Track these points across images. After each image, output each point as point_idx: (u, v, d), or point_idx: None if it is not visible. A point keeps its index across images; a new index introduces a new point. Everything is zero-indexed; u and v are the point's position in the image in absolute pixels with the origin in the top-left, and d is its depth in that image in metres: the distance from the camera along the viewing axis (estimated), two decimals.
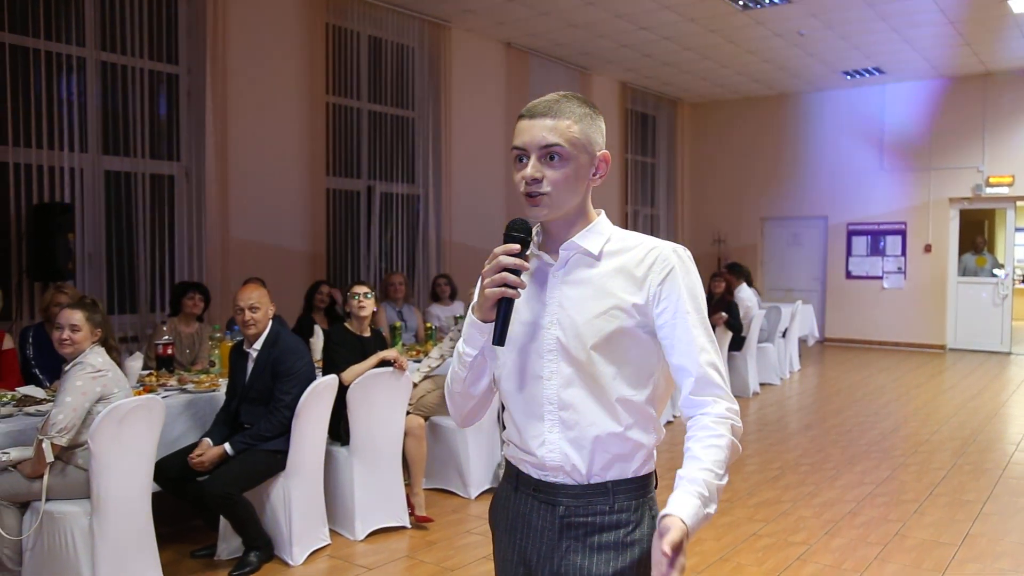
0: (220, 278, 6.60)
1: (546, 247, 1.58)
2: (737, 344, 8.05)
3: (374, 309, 4.44)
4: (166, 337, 4.85)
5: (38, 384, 4.44)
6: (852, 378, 9.54)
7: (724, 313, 7.58)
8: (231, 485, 3.66)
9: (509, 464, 1.64)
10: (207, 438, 3.82)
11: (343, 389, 4.13)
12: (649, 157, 12.91)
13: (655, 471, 1.59)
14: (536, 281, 1.56)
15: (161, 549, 3.56)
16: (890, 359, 11.05)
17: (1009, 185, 11.18)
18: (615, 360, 1.49)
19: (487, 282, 1.47)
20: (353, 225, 8.20)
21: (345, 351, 4.30)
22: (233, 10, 6.78)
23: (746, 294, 8.51)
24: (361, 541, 4.17)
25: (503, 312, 1.47)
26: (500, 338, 1.48)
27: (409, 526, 4.36)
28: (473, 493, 4.89)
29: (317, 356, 4.94)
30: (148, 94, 6.39)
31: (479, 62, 9.36)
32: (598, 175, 1.55)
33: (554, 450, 1.52)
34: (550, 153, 1.48)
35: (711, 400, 1.46)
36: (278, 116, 7.26)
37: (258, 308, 3.89)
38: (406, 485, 4.47)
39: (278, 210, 7.27)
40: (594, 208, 1.60)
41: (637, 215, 12.54)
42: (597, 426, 1.49)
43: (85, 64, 6.01)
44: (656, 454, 1.58)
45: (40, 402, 3.81)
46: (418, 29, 8.55)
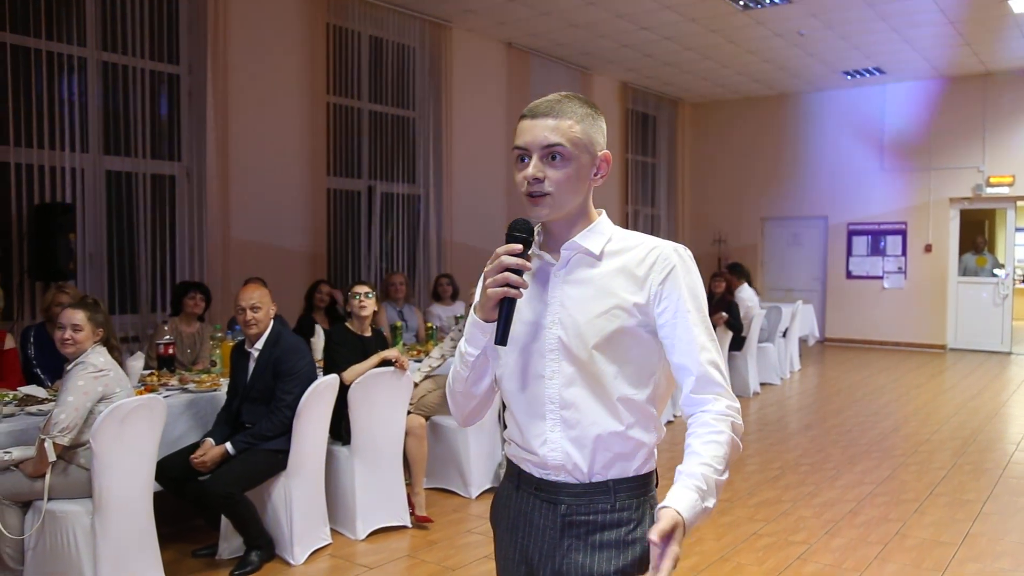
0: (221, 278, 6.61)
1: (547, 247, 1.58)
2: (737, 344, 8.05)
3: (375, 309, 4.45)
4: (167, 337, 4.85)
5: (39, 384, 4.44)
6: (852, 378, 9.55)
7: (724, 313, 7.59)
8: (232, 484, 3.67)
9: (511, 463, 1.65)
10: (209, 438, 3.83)
11: (344, 389, 4.14)
12: (650, 157, 12.91)
13: (656, 470, 1.59)
14: (538, 281, 1.56)
15: (162, 548, 3.56)
16: (890, 359, 11.05)
17: (1009, 185, 11.18)
18: (616, 359, 1.50)
19: (489, 282, 1.48)
20: (354, 225, 8.21)
21: (346, 351, 4.30)
22: (234, 10, 6.79)
23: (747, 294, 8.51)
24: (362, 540, 4.17)
25: (505, 312, 1.48)
26: (502, 338, 1.48)
27: (410, 525, 4.37)
28: (474, 493, 4.89)
29: (318, 356, 4.95)
30: (149, 94, 6.39)
31: (480, 62, 9.37)
32: (599, 175, 1.56)
33: (556, 449, 1.52)
34: (552, 153, 1.49)
35: (712, 398, 1.47)
36: (279, 116, 7.27)
37: (260, 308, 3.90)
38: (407, 485, 4.48)
39: (279, 210, 7.28)
40: (595, 208, 1.60)
41: (638, 215, 12.55)
42: (599, 425, 1.49)
43: (86, 64, 6.01)
44: (657, 453, 1.58)
45: (42, 402, 3.81)
46: (419, 29, 8.55)
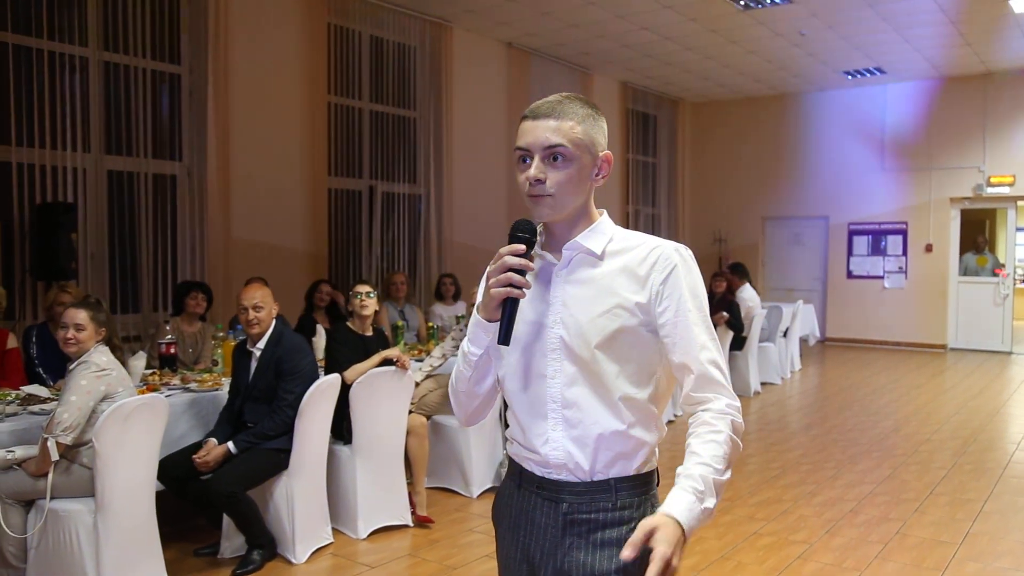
0: (222, 277, 6.62)
1: (549, 247, 1.59)
2: (738, 344, 8.06)
3: (376, 308, 4.46)
4: (169, 336, 4.86)
5: (42, 383, 4.46)
6: (853, 378, 9.55)
7: (725, 313, 7.60)
8: (235, 484, 3.68)
9: (512, 462, 1.66)
10: (212, 438, 3.83)
11: (346, 388, 4.15)
12: (650, 157, 12.92)
13: (657, 468, 1.60)
14: (540, 281, 1.57)
15: (165, 547, 3.57)
16: (891, 359, 11.06)
17: (1010, 185, 11.19)
18: (618, 359, 1.50)
19: (492, 282, 1.48)
20: (355, 225, 8.21)
21: (347, 350, 4.31)
22: (235, 10, 6.80)
23: (749, 294, 8.52)
24: (364, 539, 4.18)
25: (508, 312, 1.49)
26: (505, 337, 1.49)
27: (411, 525, 4.38)
28: (475, 492, 4.90)
29: (319, 355, 4.96)
30: (150, 94, 6.40)
31: (480, 62, 9.37)
32: (601, 175, 1.57)
33: (557, 448, 1.53)
34: (553, 154, 1.50)
35: (712, 397, 1.48)
36: (280, 116, 7.28)
37: (262, 307, 3.91)
38: (408, 484, 4.49)
39: (280, 210, 7.29)
40: (596, 208, 1.61)
41: (638, 215, 12.55)
42: (600, 424, 1.50)
43: (88, 64, 6.02)
44: (658, 452, 1.59)
45: (44, 401, 3.83)
46: (419, 29, 8.56)
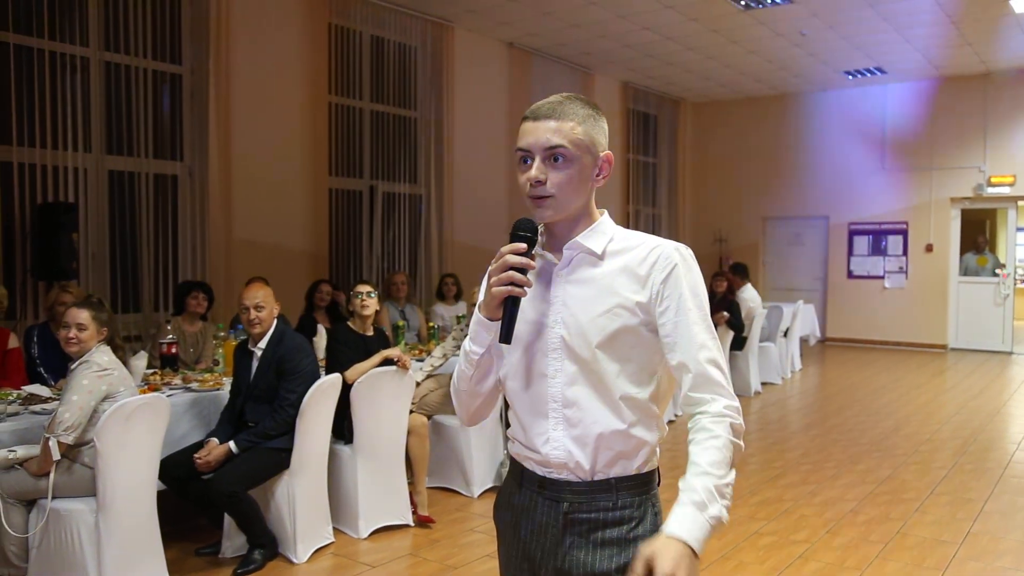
0: (223, 277, 6.63)
1: (550, 246, 1.59)
2: (739, 344, 8.07)
3: (377, 308, 4.46)
4: (170, 336, 4.87)
5: (43, 383, 4.46)
6: (853, 377, 9.56)
7: (726, 312, 7.61)
8: (236, 483, 3.68)
9: (514, 461, 1.66)
10: (213, 437, 3.84)
11: (347, 388, 4.15)
12: (651, 157, 12.92)
13: (658, 468, 1.60)
14: (541, 280, 1.58)
15: (166, 547, 3.58)
16: (891, 359, 11.06)
17: (1010, 185, 11.18)
18: (619, 358, 1.51)
19: (494, 280, 1.49)
20: (355, 224, 8.22)
21: (348, 350, 4.32)
22: (236, 10, 6.80)
23: (750, 294, 8.52)
24: (365, 539, 4.19)
25: (509, 310, 1.49)
26: (507, 336, 1.50)
27: (412, 524, 4.38)
28: (476, 492, 4.90)
29: (320, 355, 4.96)
30: (151, 94, 6.41)
31: (481, 62, 9.38)
32: (601, 176, 1.57)
33: (558, 447, 1.53)
34: (554, 155, 1.50)
35: (710, 398, 1.48)
36: (281, 116, 7.28)
37: (264, 307, 3.91)
38: (409, 484, 4.49)
39: (281, 209, 7.30)
40: (597, 208, 1.61)
41: (639, 215, 12.56)
42: (601, 423, 1.50)
43: (89, 64, 6.03)
44: (659, 451, 1.59)
45: (46, 400, 3.83)
46: (420, 29, 8.56)
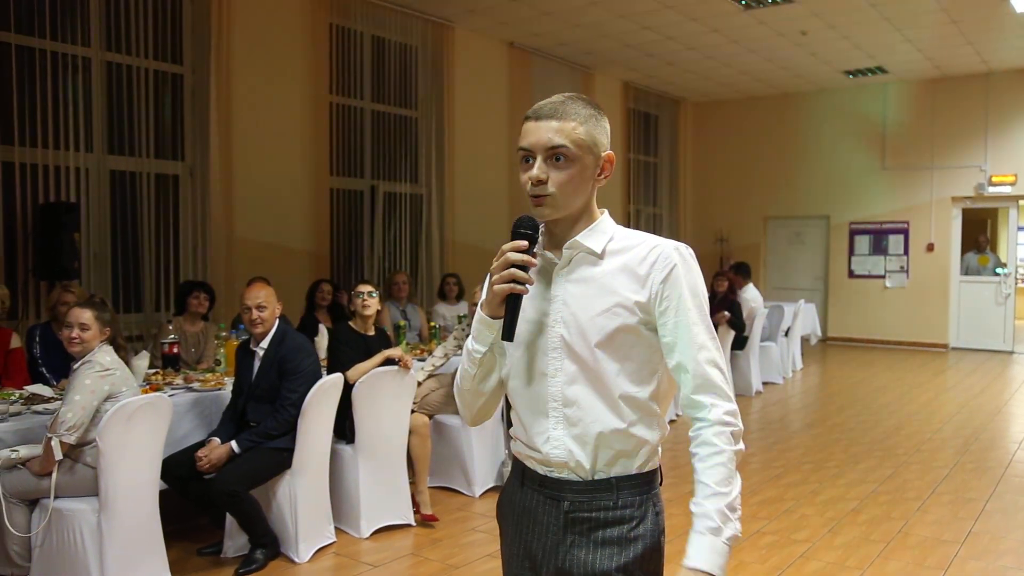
0: (224, 277, 6.63)
1: (550, 245, 1.60)
2: (740, 343, 8.07)
3: (378, 308, 4.46)
4: (171, 336, 4.87)
5: (45, 383, 4.47)
6: (854, 377, 9.55)
7: (727, 312, 7.60)
8: (238, 483, 3.69)
9: (516, 460, 1.66)
10: (215, 437, 3.85)
11: (348, 388, 4.16)
12: (652, 156, 12.92)
13: (660, 467, 1.60)
14: (541, 279, 1.58)
15: (168, 546, 3.58)
16: (892, 358, 11.05)
17: (1011, 184, 11.18)
18: (618, 357, 1.51)
19: (496, 278, 1.49)
20: (356, 224, 8.22)
21: (350, 350, 4.32)
22: (237, 10, 6.81)
23: (751, 294, 8.53)
24: (366, 539, 4.19)
25: (511, 308, 1.50)
26: (509, 333, 1.50)
27: (414, 524, 4.39)
28: (477, 491, 4.91)
29: (322, 355, 4.97)
30: (153, 94, 6.41)
31: (482, 62, 9.38)
32: (603, 175, 1.57)
33: (558, 446, 1.54)
34: (556, 154, 1.50)
35: (709, 404, 1.48)
36: (282, 116, 7.29)
37: (265, 307, 3.92)
38: (410, 484, 4.50)
39: (282, 209, 7.30)
40: (598, 207, 1.62)
41: (640, 214, 12.55)
42: (601, 423, 1.51)
43: (90, 64, 6.04)
44: (661, 451, 1.60)
45: (48, 400, 3.84)
46: (421, 29, 8.57)
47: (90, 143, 6.04)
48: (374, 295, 4.40)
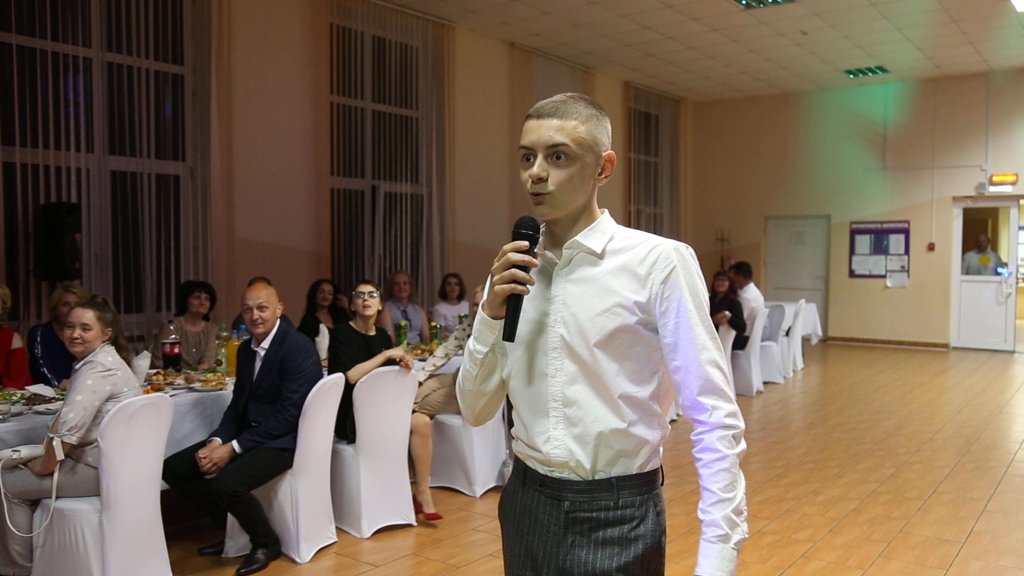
0: (225, 277, 6.64)
1: (551, 245, 1.60)
2: (741, 343, 8.07)
3: (379, 308, 4.46)
4: (173, 336, 4.88)
5: (46, 383, 4.47)
6: (855, 376, 9.55)
7: (728, 312, 7.61)
8: (239, 483, 3.69)
9: (518, 460, 1.67)
10: (216, 437, 3.85)
11: (349, 388, 4.16)
12: (652, 156, 12.92)
13: (661, 467, 1.60)
14: (541, 279, 1.58)
15: (169, 546, 3.59)
16: (893, 357, 11.05)
17: (1012, 183, 11.17)
18: (618, 357, 1.51)
19: (496, 279, 1.50)
20: (357, 224, 8.23)
21: (351, 350, 4.32)
22: (238, 11, 6.81)
23: (752, 294, 8.53)
24: (367, 539, 4.19)
25: (512, 308, 1.50)
26: (510, 334, 1.50)
27: (415, 524, 4.39)
28: (478, 491, 4.91)
29: (323, 355, 4.97)
30: (153, 94, 6.42)
31: (483, 62, 9.38)
32: (603, 175, 1.57)
33: (559, 446, 1.54)
34: (556, 153, 1.51)
35: (710, 407, 1.49)
36: (283, 116, 7.29)
37: (267, 307, 3.92)
38: (412, 484, 4.50)
39: (283, 210, 7.31)
40: (599, 207, 1.62)
41: (640, 214, 12.55)
42: (601, 422, 1.51)
43: (91, 65, 6.04)
44: (662, 450, 1.60)
45: (49, 400, 3.84)
46: (422, 29, 8.57)
47: (91, 144, 6.05)
48: (375, 295, 4.40)
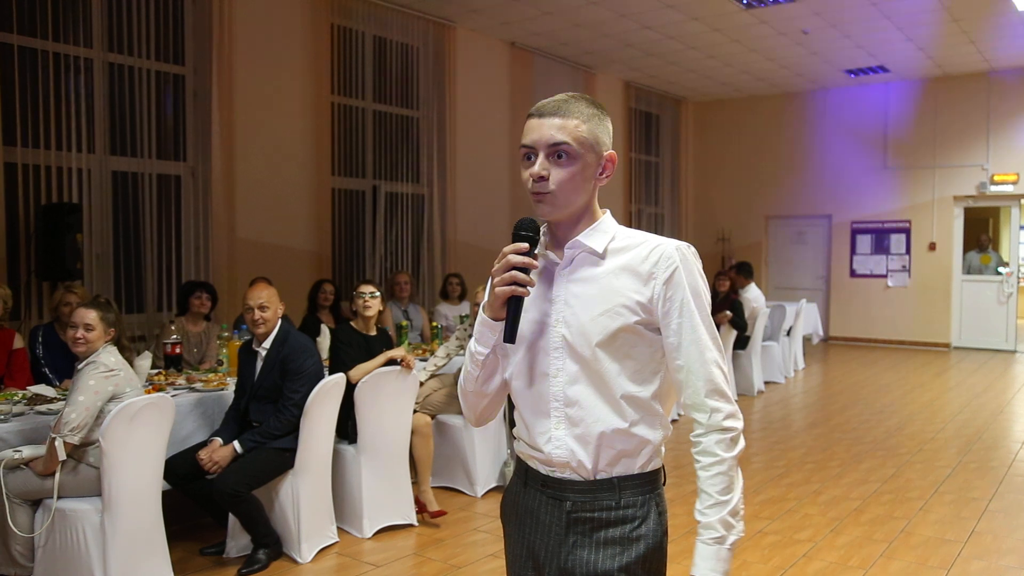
0: (226, 277, 6.64)
1: (552, 245, 1.60)
2: (742, 343, 8.07)
3: (380, 308, 4.47)
4: (174, 336, 4.88)
5: (48, 383, 4.47)
6: (856, 376, 9.55)
7: (729, 312, 7.60)
8: (240, 483, 3.69)
9: (519, 460, 1.67)
10: (217, 437, 3.85)
11: (350, 388, 4.16)
12: (653, 156, 12.91)
13: (663, 467, 1.60)
14: (543, 280, 1.58)
15: (171, 546, 3.59)
16: (894, 357, 11.04)
17: (1013, 183, 11.16)
18: (619, 357, 1.51)
19: (497, 281, 1.50)
20: (358, 225, 8.23)
21: (352, 350, 4.33)
22: (239, 11, 6.81)
23: (754, 294, 8.52)
24: (369, 539, 4.19)
25: (513, 310, 1.50)
26: (510, 336, 1.50)
27: (416, 524, 4.39)
28: (479, 491, 4.91)
29: (324, 355, 4.97)
30: (154, 95, 6.42)
31: (483, 62, 9.38)
32: (604, 175, 1.57)
33: (560, 446, 1.54)
34: (557, 152, 1.50)
35: (710, 408, 1.49)
36: (283, 116, 7.29)
37: (268, 307, 3.92)
38: (413, 484, 4.50)
39: (284, 210, 7.31)
40: (600, 207, 1.62)
41: (641, 214, 12.55)
42: (602, 422, 1.51)
43: (92, 65, 6.04)
44: (664, 450, 1.60)
45: (51, 401, 3.84)
46: (423, 29, 8.57)
47: (92, 144, 6.05)
48: (376, 295, 4.40)
